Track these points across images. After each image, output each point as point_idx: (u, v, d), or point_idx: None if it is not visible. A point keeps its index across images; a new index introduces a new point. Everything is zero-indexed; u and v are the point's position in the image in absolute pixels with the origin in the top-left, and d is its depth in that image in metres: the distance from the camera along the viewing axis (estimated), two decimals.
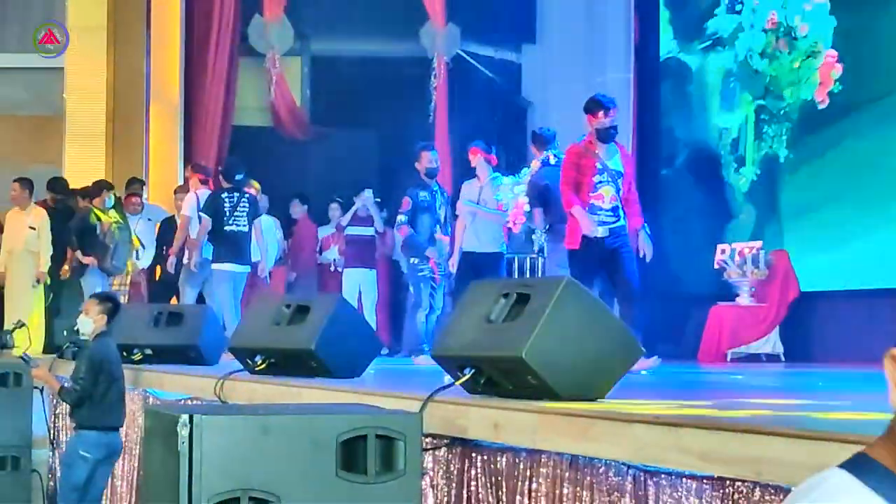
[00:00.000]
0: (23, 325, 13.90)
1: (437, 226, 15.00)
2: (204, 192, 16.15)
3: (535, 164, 13.00)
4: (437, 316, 14.31)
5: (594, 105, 10.24)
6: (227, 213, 15.59)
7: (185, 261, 15.88)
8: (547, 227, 12.81)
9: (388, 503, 5.60)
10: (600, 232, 9.87)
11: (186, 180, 17.08)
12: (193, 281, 15.96)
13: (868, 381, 8.49)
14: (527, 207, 14.20)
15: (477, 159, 15.21)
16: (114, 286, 16.15)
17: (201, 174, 16.60)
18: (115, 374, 9.87)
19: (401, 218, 14.83)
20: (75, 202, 17.22)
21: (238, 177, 16.14)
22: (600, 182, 9.92)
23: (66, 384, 10.45)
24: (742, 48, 16.09)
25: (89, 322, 10.15)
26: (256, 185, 16.72)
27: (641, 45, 17.83)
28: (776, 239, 14.69)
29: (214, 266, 15.63)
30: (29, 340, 15.35)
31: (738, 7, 16.14)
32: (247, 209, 15.76)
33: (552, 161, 12.90)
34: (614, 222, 9.90)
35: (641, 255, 10.44)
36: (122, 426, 10.48)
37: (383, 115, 19.26)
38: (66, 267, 16.60)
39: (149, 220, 17.84)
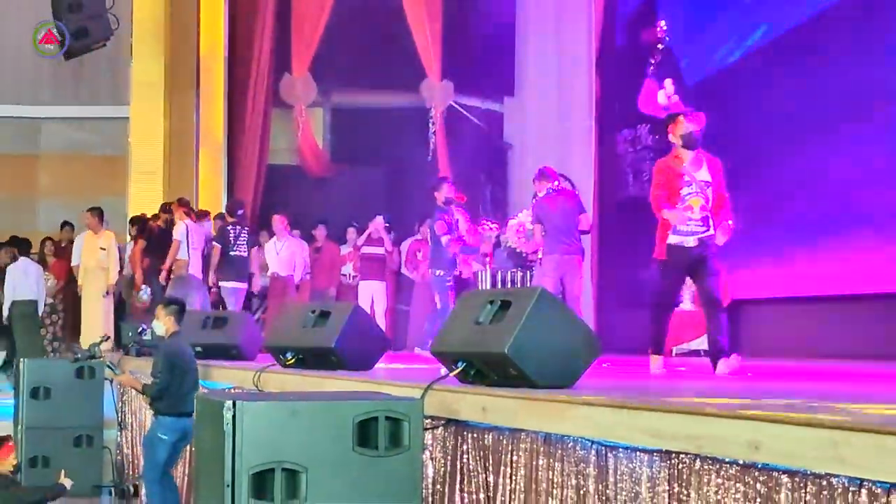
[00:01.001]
0: (108, 338, 13.81)
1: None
2: (188, 222, 16.40)
3: (542, 192, 12.88)
4: None
5: (672, 116, 8.82)
6: (232, 242, 16.19)
7: (172, 275, 16.10)
8: (544, 235, 12.77)
9: (396, 474, 5.59)
10: (690, 241, 8.59)
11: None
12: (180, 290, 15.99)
13: (788, 372, 8.48)
14: (529, 226, 14.20)
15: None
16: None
17: (185, 207, 16.69)
18: (187, 367, 9.76)
19: (444, 238, 14.85)
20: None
21: (239, 212, 16.61)
22: (689, 194, 8.52)
23: (141, 378, 10.34)
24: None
25: (160, 325, 10.08)
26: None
27: (601, 97, 17.78)
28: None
29: (222, 283, 16.16)
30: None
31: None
32: (246, 239, 16.34)
33: (553, 188, 12.89)
34: (704, 232, 8.54)
35: (719, 241, 8.87)
36: (193, 412, 10.37)
37: (391, 156, 19.25)
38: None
39: None
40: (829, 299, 13.12)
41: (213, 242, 16.35)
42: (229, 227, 16.41)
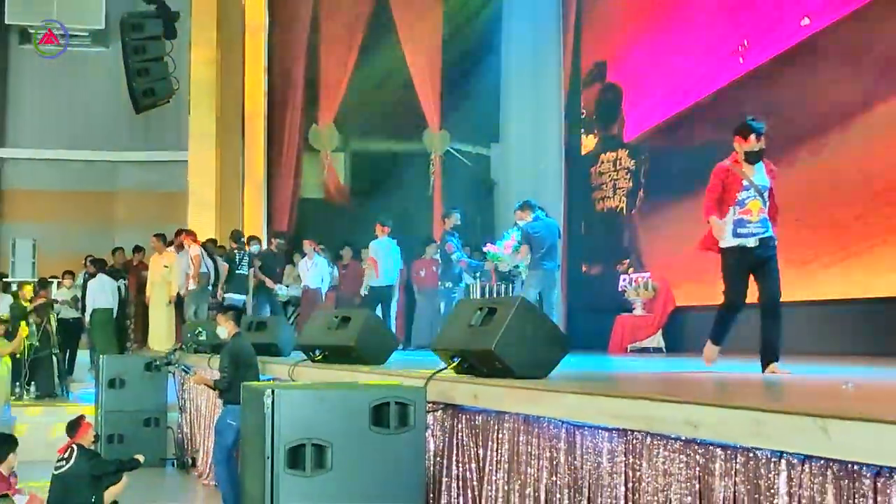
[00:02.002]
0: (180, 346, 13.76)
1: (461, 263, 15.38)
2: (195, 247, 16.55)
3: (528, 219, 12.86)
4: None
5: (745, 129, 7.61)
6: (237, 263, 16.53)
7: (189, 287, 16.31)
8: (529, 259, 12.73)
9: (404, 449, 5.59)
10: (751, 242, 7.49)
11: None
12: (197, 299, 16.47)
13: (723, 367, 8.44)
14: (515, 245, 14.19)
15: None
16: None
17: (191, 236, 16.79)
18: (249, 362, 9.63)
19: (456, 255, 15.17)
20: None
21: (241, 240, 16.96)
22: (747, 197, 7.48)
23: (205, 374, 10.23)
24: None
25: (223, 329, 10.01)
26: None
27: (569, 144, 17.80)
28: (660, 270, 14.66)
29: (227, 295, 16.30)
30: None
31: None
32: (247, 261, 16.60)
33: (539, 217, 12.88)
34: (763, 232, 7.48)
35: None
36: None
37: (399, 191, 19.21)
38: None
39: None
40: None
41: (223, 262, 16.72)
42: (234, 251, 16.85)
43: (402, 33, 19.26)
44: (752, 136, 7.45)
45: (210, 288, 16.51)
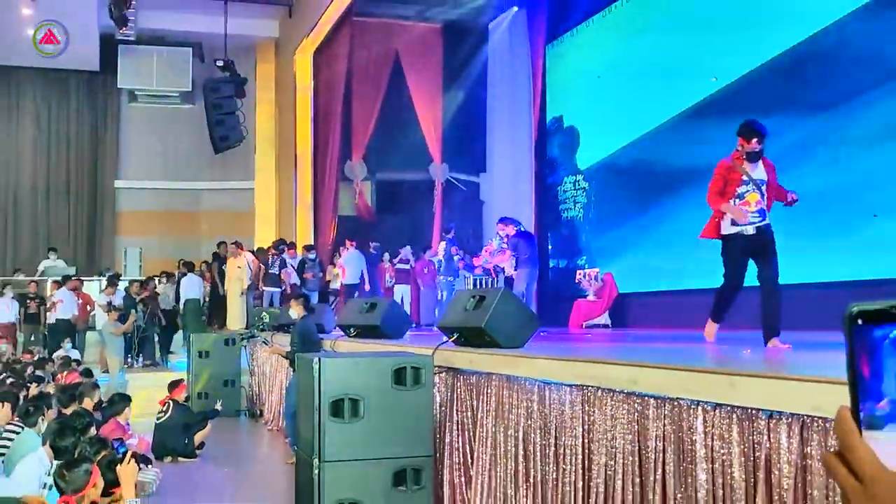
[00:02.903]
0: (262, 323, 13.62)
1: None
2: (248, 255, 16.85)
3: (511, 231, 12.85)
4: None
5: (749, 131, 6.55)
6: (270, 264, 16.51)
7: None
8: (514, 262, 12.71)
9: (417, 401, 5.59)
10: (749, 230, 6.49)
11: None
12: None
13: (654, 338, 8.44)
14: (494, 248, 14.32)
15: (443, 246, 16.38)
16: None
17: (242, 247, 17.00)
18: (313, 338, 9.47)
19: (456, 258, 15.82)
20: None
21: (280, 248, 16.77)
22: (746, 191, 6.50)
23: (282, 348, 10.13)
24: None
25: (294, 311, 9.90)
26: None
27: (538, 174, 17.77)
28: (607, 265, 14.65)
29: (265, 289, 16.50)
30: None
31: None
32: (278, 262, 16.43)
33: (520, 229, 12.90)
34: (760, 221, 6.46)
35: (790, 200, 6.64)
36: None
37: (411, 210, 19.24)
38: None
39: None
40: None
41: (259, 263, 16.79)
42: (268, 256, 16.87)
43: (412, 89, 19.26)
44: (755, 140, 6.49)
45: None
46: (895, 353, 0.81)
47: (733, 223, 6.55)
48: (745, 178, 6.54)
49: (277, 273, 16.51)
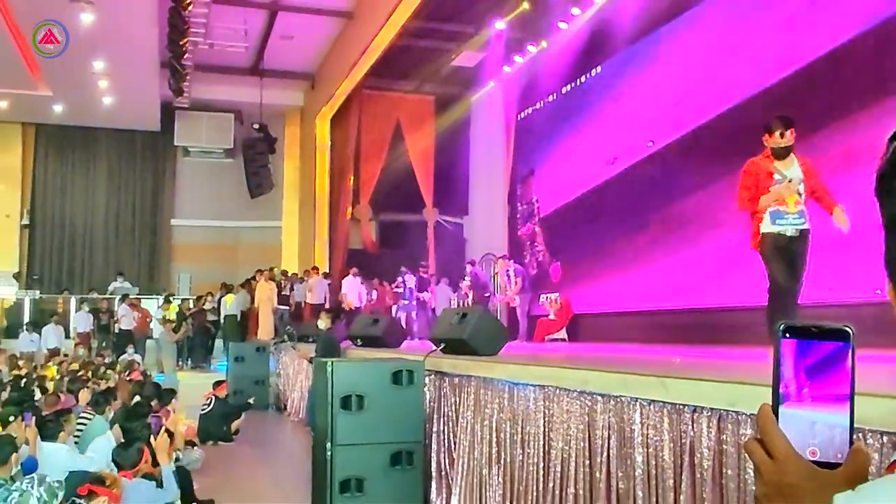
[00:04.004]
0: (292, 332, 13.38)
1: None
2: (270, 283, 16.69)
3: (510, 268, 13.17)
4: None
5: (769, 125, 5.05)
6: (281, 288, 16.87)
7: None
8: (518, 283, 12.91)
9: (411, 398, 5.56)
10: (790, 231, 4.90)
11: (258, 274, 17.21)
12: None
13: (601, 349, 8.42)
14: (467, 281, 14.36)
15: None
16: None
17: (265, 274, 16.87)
18: (334, 347, 9.30)
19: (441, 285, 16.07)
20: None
21: (289, 275, 17.21)
22: (780, 187, 4.95)
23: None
24: None
25: (323, 323, 9.79)
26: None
27: (510, 218, 17.73)
28: (565, 291, 14.57)
29: (278, 307, 16.51)
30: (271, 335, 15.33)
31: None
32: (290, 286, 16.87)
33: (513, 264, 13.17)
34: (801, 224, 4.92)
35: (838, 226, 4.95)
36: None
37: (408, 246, 19.13)
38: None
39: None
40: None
41: (273, 285, 16.65)
42: (280, 280, 17.00)
43: (409, 147, 19.30)
44: (777, 133, 4.98)
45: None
46: (804, 356, 0.87)
47: (773, 221, 5.01)
48: (776, 175, 5.01)
49: (287, 295, 16.68)
